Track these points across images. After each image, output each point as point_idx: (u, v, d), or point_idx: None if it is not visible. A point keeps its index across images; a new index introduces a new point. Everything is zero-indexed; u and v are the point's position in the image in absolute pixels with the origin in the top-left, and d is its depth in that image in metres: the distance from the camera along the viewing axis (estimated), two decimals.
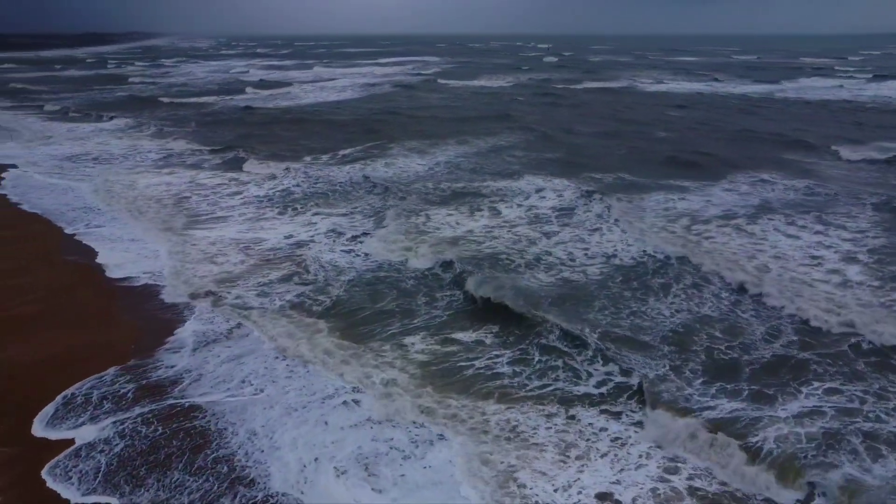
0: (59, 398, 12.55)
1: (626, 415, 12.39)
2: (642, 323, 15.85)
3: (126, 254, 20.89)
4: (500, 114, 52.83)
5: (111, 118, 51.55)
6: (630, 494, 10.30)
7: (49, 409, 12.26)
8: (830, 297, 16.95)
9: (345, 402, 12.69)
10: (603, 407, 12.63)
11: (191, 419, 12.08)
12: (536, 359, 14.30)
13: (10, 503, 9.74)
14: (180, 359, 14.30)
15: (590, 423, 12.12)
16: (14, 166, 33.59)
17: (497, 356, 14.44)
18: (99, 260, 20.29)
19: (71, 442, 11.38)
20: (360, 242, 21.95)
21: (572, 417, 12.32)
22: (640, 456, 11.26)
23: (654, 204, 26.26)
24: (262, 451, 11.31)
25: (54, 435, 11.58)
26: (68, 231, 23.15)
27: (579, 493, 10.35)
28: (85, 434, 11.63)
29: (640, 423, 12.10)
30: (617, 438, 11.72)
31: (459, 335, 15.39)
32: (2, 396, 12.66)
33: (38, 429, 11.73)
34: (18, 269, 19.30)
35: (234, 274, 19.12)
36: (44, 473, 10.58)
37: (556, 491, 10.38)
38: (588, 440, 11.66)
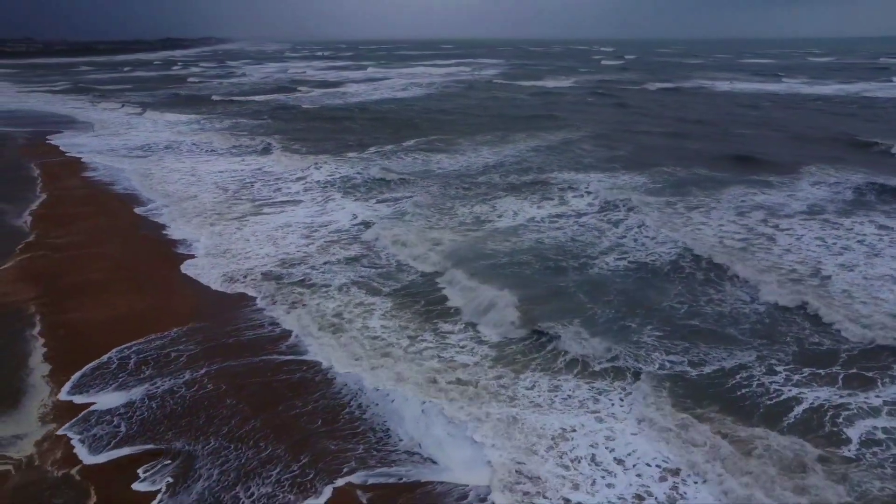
0: (91, 364, 12.47)
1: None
2: (723, 310, 14.89)
3: (192, 231, 21.21)
4: (562, 113, 51.74)
5: (174, 112, 53.50)
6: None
7: (86, 368, 12.23)
8: None
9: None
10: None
11: (290, 373, 12.10)
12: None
13: (31, 460, 9.70)
14: (254, 319, 14.26)
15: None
16: (93, 153, 35.10)
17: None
18: (167, 235, 20.76)
19: (92, 403, 11.26)
20: (423, 228, 21.55)
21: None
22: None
23: (730, 197, 24.86)
24: (377, 403, 11.22)
25: (80, 397, 11.40)
26: (140, 210, 23.82)
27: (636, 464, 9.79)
28: (108, 396, 11.44)
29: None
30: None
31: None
32: (65, 352, 12.91)
33: (67, 388, 11.60)
34: (95, 241, 20.06)
35: (298, 256, 19.03)
36: (62, 432, 10.42)
37: (618, 462, 9.84)
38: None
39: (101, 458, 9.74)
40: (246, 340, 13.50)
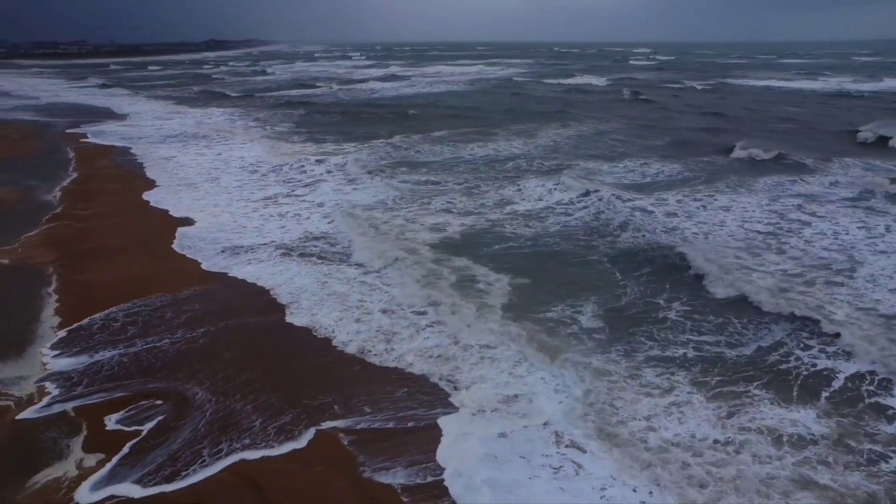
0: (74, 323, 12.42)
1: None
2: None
3: (208, 209, 21.38)
4: (594, 108, 50.89)
5: (204, 106, 54.88)
6: None
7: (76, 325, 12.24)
8: None
9: None
10: None
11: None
12: None
13: (31, 398, 9.89)
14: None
15: None
16: (125, 139, 35.93)
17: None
18: (184, 212, 20.87)
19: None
20: (450, 212, 21.20)
21: None
22: None
23: (766, 186, 23.93)
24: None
25: (53, 355, 11.23)
26: (162, 188, 24.19)
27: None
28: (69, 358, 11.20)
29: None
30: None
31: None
32: (75, 307, 13.06)
33: (47, 346, 11.48)
34: (116, 213, 20.54)
35: (316, 232, 18.89)
36: (40, 382, 10.38)
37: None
38: None
39: (91, 400, 9.85)
40: (261, 303, 13.41)
